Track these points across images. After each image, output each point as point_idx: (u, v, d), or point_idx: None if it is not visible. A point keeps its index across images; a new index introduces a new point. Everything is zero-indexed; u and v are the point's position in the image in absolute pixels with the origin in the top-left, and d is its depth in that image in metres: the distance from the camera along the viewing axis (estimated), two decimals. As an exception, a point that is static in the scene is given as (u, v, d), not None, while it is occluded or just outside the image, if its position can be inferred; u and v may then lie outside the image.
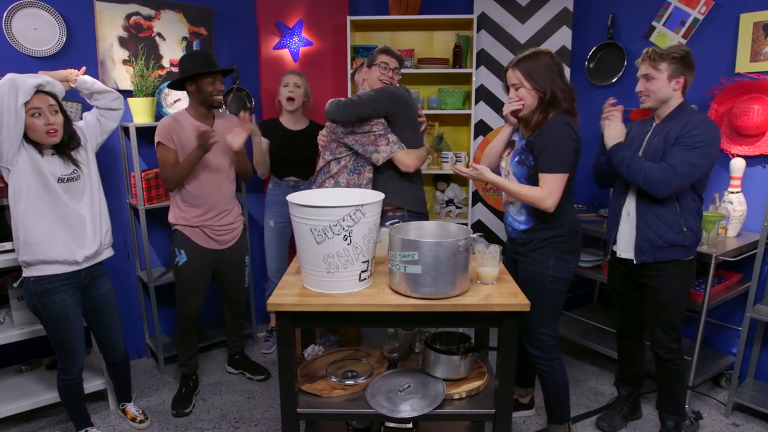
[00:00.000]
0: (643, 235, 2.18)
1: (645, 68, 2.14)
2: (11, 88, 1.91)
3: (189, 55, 2.57)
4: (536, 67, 2.04)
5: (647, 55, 2.14)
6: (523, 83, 2.05)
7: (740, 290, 2.66)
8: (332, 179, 2.54)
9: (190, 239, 2.62)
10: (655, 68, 2.10)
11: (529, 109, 2.09)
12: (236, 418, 2.67)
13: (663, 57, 2.09)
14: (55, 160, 2.10)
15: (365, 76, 2.58)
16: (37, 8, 2.64)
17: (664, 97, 2.13)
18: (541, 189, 2.01)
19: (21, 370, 2.74)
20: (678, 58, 2.08)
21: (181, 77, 2.49)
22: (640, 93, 2.19)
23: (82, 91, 2.27)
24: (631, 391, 2.56)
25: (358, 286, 1.70)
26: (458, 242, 1.60)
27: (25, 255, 2.08)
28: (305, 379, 1.88)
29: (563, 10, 3.38)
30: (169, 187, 2.56)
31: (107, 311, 2.36)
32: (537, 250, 2.14)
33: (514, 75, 2.08)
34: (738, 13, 2.68)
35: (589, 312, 3.41)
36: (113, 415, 2.69)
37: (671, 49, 2.10)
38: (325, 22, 3.54)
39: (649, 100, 2.16)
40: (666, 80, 2.10)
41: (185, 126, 2.53)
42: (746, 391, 2.65)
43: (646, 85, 2.15)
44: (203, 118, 2.60)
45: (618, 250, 2.31)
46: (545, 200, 2.00)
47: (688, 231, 2.14)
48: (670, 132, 2.10)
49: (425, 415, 1.69)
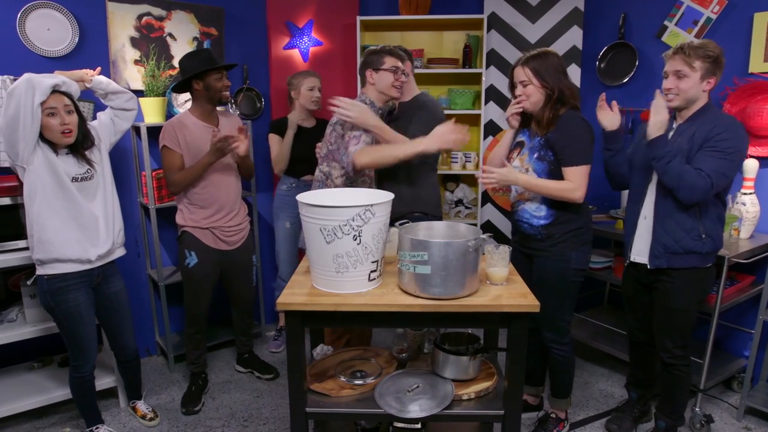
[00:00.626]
0: (659, 239, 2.12)
1: (677, 64, 2.00)
2: (28, 87, 1.93)
3: (190, 54, 2.56)
4: (545, 66, 2.11)
5: (681, 49, 1.99)
6: (532, 80, 2.12)
7: (753, 292, 2.63)
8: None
9: (200, 241, 2.63)
10: (689, 65, 1.97)
11: (536, 106, 2.15)
12: (245, 416, 2.68)
13: (698, 54, 1.95)
14: (70, 160, 2.12)
15: (371, 80, 2.33)
16: (50, 9, 2.67)
17: (693, 97, 2.02)
18: (569, 182, 2.09)
19: (33, 366, 2.77)
20: (713, 58, 1.96)
21: (187, 76, 2.49)
22: (668, 91, 2.04)
23: (97, 92, 2.29)
24: (642, 394, 2.54)
25: (367, 286, 1.70)
26: (468, 243, 1.59)
27: (39, 253, 2.11)
28: (314, 378, 1.89)
29: (574, 9, 3.36)
30: (175, 190, 2.57)
31: (119, 310, 2.38)
32: (559, 245, 2.20)
33: (523, 72, 2.14)
34: (752, 12, 2.65)
35: (599, 313, 3.39)
36: (123, 412, 2.71)
37: (707, 46, 1.97)
38: (335, 22, 3.55)
39: (678, 99, 2.04)
40: (698, 80, 1.98)
41: (190, 127, 2.54)
42: (759, 395, 2.62)
43: (677, 82, 2.01)
44: (208, 117, 2.60)
45: (632, 253, 2.26)
46: (575, 192, 2.08)
47: (707, 238, 2.07)
48: (696, 134, 2.01)
49: (434, 416, 1.68)
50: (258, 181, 3.47)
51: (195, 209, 2.61)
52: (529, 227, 2.25)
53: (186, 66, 2.51)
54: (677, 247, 2.08)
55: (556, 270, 2.22)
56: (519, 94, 2.18)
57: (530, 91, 2.13)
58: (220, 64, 2.52)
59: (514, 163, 2.26)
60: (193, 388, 2.81)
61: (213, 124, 2.61)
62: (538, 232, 2.23)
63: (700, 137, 1.99)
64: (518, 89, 2.18)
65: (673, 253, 2.10)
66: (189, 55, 2.55)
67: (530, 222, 2.24)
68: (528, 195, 2.23)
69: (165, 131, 2.52)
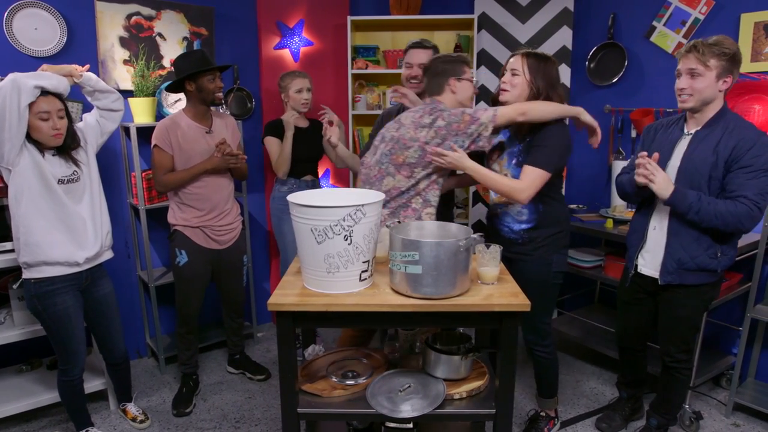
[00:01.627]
0: (674, 254, 2.01)
1: (691, 62, 1.88)
2: (13, 88, 1.90)
3: (184, 55, 2.56)
4: (542, 68, 2.07)
5: (694, 47, 1.88)
6: (524, 73, 2.06)
7: (741, 290, 2.66)
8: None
9: (191, 239, 2.62)
10: (704, 64, 1.86)
11: (515, 99, 2.08)
12: (237, 417, 2.67)
13: (713, 52, 1.85)
14: (56, 161, 2.10)
15: (454, 89, 2.14)
16: (37, 8, 2.64)
17: (708, 98, 1.91)
18: (521, 181, 2.01)
19: (22, 369, 2.74)
20: (730, 55, 1.85)
21: (180, 77, 2.48)
22: (681, 91, 1.93)
23: (85, 88, 2.24)
24: (632, 393, 2.55)
25: (358, 286, 1.70)
26: (459, 242, 1.59)
27: (25, 256, 2.08)
28: (306, 379, 1.88)
29: (564, 10, 3.37)
30: (162, 190, 2.58)
31: (107, 312, 2.36)
32: (540, 249, 2.17)
33: (519, 62, 2.08)
34: (739, 13, 2.68)
35: (590, 312, 3.41)
36: (114, 415, 2.69)
37: (723, 43, 1.86)
38: (326, 22, 3.54)
39: (692, 99, 1.92)
40: (714, 79, 1.87)
41: (183, 127, 2.53)
42: (747, 392, 2.65)
43: (691, 82, 1.89)
44: (202, 118, 2.60)
45: (640, 264, 2.18)
46: (523, 192, 1.99)
47: (722, 256, 1.99)
48: (721, 145, 1.88)
49: (426, 415, 1.69)
50: (249, 181, 3.45)
51: (187, 208, 2.61)
52: (510, 231, 2.22)
53: (179, 66, 2.51)
54: (692, 264, 2.00)
55: (538, 273, 2.19)
56: (505, 81, 2.11)
57: (517, 82, 2.07)
58: (213, 65, 2.51)
59: (493, 166, 2.22)
60: (184, 390, 2.80)
61: (206, 125, 2.60)
62: (519, 236, 2.20)
63: (726, 151, 1.87)
64: (506, 76, 2.11)
65: (686, 270, 2.01)
66: (183, 55, 2.55)
67: (511, 226, 2.22)
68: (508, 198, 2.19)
69: (158, 131, 2.51)
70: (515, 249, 2.22)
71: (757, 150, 1.84)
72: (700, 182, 1.94)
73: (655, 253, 2.11)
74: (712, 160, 1.90)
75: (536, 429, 2.46)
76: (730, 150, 1.87)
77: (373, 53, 3.62)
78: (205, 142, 2.58)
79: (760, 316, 2.49)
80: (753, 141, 1.85)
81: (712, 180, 1.92)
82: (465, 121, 2.01)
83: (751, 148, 1.84)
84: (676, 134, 2.06)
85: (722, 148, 1.89)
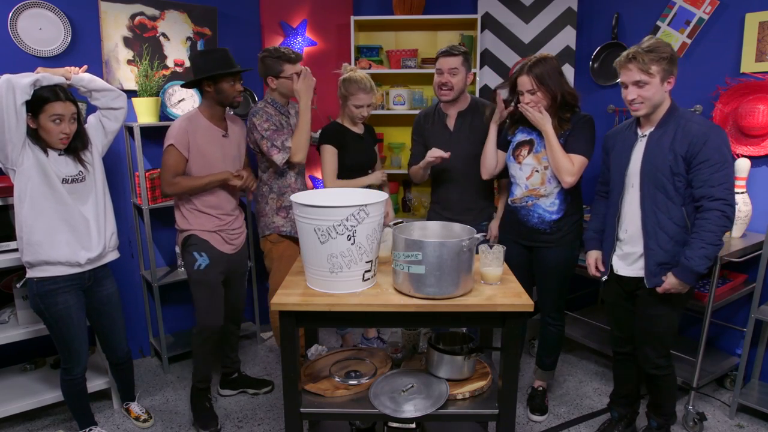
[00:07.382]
0: (654, 257, 2.03)
1: (635, 74, 1.93)
2: (8, 89, 1.90)
3: (205, 52, 2.43)
4: (547, 71, 2.21)
5: (633, 58, 1.92)
6: (538, 88, 2.22)
7: (745, 291, 2.64)
8: None
9: (209, 242, 2.49)
10: (647, 72, 1.91)
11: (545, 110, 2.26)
12: (240, 417, 2.67)
13: (652, 59, 1.90)
14: (61, 160, 2.10)
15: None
16: (42, 8, 2.65)
17: (658, 102, 1.98)
18: (572, 164, 2.22)
19: (25, 368, 2.75)
20: (668, 58, 1.91)
21: (200, 77, 2.33)
22: (631, 102, 1.99)
23: (79, 89, 2.22)
24: (625, 414, 2.45)
25: (361, 286, 1.70)
26: (462, 242, 1.59)
27: (28, 255, 2.09)
28: (308, 378, 1.88)
29: (567, 9, 3.37)
30: (169, 192, 2.40)
31: (111, 312, 2.36)
32: (568, 235, 2.39)
33: (529, 81, 2.22)
34: (743, 12, 2.67)
35: (593, 312, 3.40)
36: (117, 414, 2.70)
37: (659, 48, 1.91)
38: (329, 22, 3.54)
39: (644, 107, 1.97)
40: (659, 83, 1.93)
41: (200, 130, 2.40)
42: (751, 393, 2.64)
43: (639, 92, 1.95)
44: (218, 120, 2.46)
45: (617, 267, 2.19)
46: (571, 175, 2.23)
47: None
48: (676, 144, 1.93)
49: (428, 416, 1.69)
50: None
51: (201, 215, 2.47)
52: (540, 222, 2.38)
53: (198, 65, 2.35)
54: (674, 261, 2.01)
55: (565, 258, 2.41)
56: (528, 101, 2.25)
57: (537, 99, 2.23)
58: (235, 68, 2.36)
59: (527, 160, 2.34)
60: (207, 405, 2.61)
61: (223, 128, 2.47)
62: (548, 226, 2.37)
63: (682, 148, 1.92)
64: (526, 97, 2.25)
65: (670, 267, 2.01)
66: (202, 52, 2.43)
67: (543, 217, 2.37)
68: (542, 191, 2.33)
69: (175, 130, 2.35)
70: (541, 238, 2.41)
71: (712, 142, 1.89)
72: (664, 182, 1.98)
73: (630, 255, 2.13)
74: (671, 158, 1.95)
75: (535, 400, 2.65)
76: (686, 146, 1.92)
77: (377, 53, 3.62)
78: (221, 147, 2.46)
79: (764, 316, 2.48)
80: (706, 135, 1.90)
81: (676, 177, 1.96)
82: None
83: (706, 141, 1.89)
84: (631, 138, 2.10)
85: (678, 145, 1.94)
